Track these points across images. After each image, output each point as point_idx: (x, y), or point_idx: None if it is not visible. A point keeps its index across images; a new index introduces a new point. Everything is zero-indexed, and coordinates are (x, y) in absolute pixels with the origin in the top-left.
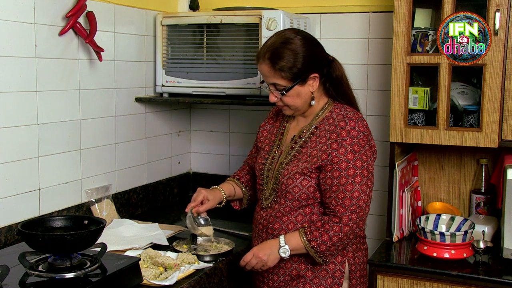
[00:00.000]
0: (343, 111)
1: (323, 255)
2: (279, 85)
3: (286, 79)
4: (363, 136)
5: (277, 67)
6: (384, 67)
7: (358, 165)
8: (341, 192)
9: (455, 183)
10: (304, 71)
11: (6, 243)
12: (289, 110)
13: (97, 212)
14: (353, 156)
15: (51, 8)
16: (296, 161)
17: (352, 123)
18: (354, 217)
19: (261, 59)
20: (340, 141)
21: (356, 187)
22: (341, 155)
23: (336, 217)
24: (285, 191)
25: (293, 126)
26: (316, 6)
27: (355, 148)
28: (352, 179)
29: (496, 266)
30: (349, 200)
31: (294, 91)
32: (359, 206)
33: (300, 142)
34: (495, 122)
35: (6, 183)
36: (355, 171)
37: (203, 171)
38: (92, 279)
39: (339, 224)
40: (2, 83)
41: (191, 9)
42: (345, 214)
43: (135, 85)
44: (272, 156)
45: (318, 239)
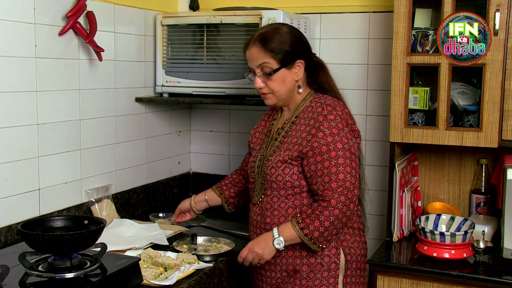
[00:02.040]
0: (322, 99)
1: (317, 241)
2: (267, 67)
3: (275, 60)
4: (341, 120)
5: (267, 48)
6: (384, 67)
7: (339, 146)
8: (326, 175)
9: (455, 183)
10: (292, 55)
11: (6, 243)
12: (273, 98)
13: (97, 212)
14: (333, 139)
15: (51, 8)
16: (278, 151)
17: (329, 108)
18: (342, 199)
19: (251, 44)
20: (318, 125)
21: (340, 169)
22: (320, 139)
23: (324, 201)
24: (270, 181)
25: (280, 122)
26: (316, 6)
27: (333, 130)
28: (335, 161)
29: (496, 266)
30: (335, 182)
31: (280, 75)
32: (346, 188)
33: (282, 133)
34: (495, 122)
35: (6, 183)
36: (337, 152)
37: (203, 171)
38: (92, 279)
39: (328, 208)
40: (2, 83)
41: (191, 9)
42: (333, 197)
43: (135, 85)
44: (261, 153)
45: (310, 226)
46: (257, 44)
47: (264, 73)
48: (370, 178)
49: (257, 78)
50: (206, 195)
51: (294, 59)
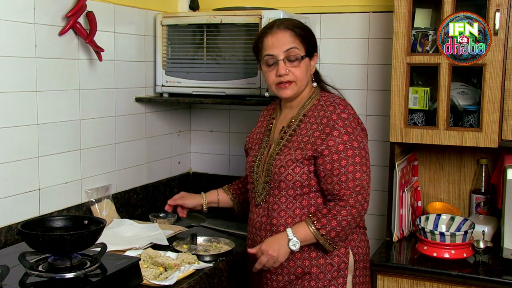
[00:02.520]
0: (330, 98)
1: (333, 242)
2: (296, 52)
3: (303, 46)
4: (353, 118)
5: (298, 33)
6: (384, 67)
7: (355, 145)
8: (343, 174)
9: (455, 183)
10: (314, 46)
11: (6, 243)
12: (294, 87)
13: (97, 212)
14: (348, 137)
15: (51, 8)
16: (287, 149)
17: (341, 107)
18: (359, 198)
19: (276, 28)
20: (332, 124)
21: (357, 168)
22: (336, 138)
23: (342, 201)
24: (278, 181)
25: (281, 120)
26: (316, 6)
27: (348, 129)
28: (352, 160)
29: (496, 266)
30: (352, 181)
31: (305, 63)
32: (363, 187)
33: (289, 132)
34: (495, 122)
35: (6, 183)
36: (354, 151)
37: (203, 171)
38: (92, 279)
39: (346, 207)
40: (2, 83)
41: (191, 9)
42: (351, 196)
43: (135, 85)
44: (261, 152)
45: (327, 226)
46: (284, 29)
47: (291, 58)
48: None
49: (281, 64)
50: (218, 196)
51: (314, 51)
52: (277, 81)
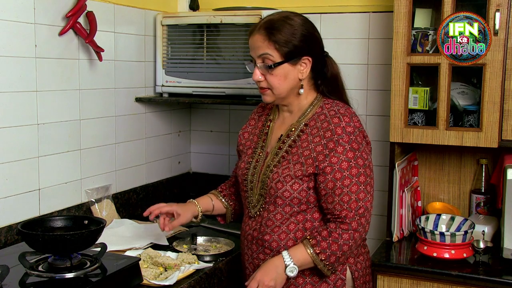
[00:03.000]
0: (334, 106)
1: (332, 267)
2: (269, 59)
3: (278, 52)
4: (359, 132)
5: (272, 38)
6: (384, 67)
7: (360, 163)
8: (346, 194)
9: (455, 183)
10: (299, 50)
11: (6, 243)
12: (271, 95)
13: (97, 212)
14: (354, 154)
15: (51, 8)
16: (286, 162)
17: (347, 119)
18: (363, 221)
19: (256, 30)
20: (337, 139)
21: (361, 188)
22: (340, 155)
23: (344, 224)
24: (274, 196)
25: (279, 125)
26: (316, 6)
27: (353, 145)
28: (356, 179)
29: (496, 266)
30: (355, 202)
31: (282, 70)
32: (366, 209)
33: (288, 142)
34: (495, 122)
35: (6, 183)
36: (358, 170)
37: (203, 171)
38: (92, 279)
39: (348, 231)
40: (2, 83)
41: (191, 9)
42: (354, 219)
43: (135, 85)
44: (256, 159)
45: (328, 250)
46: (261, 32)
47: (265, 65)
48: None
49: (256, 70)
50: (213, 202)
51: (301, 55)
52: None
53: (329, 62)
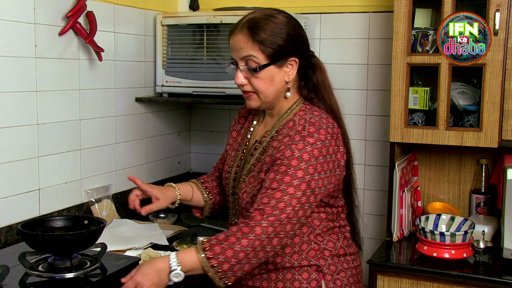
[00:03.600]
0: (308, 114)
1: (225, 276)
2: (253, 61)
3: (264, 53)
4: (321, 146)
5: (256, 38)
6: (384, 67)
7: (298, 175)
8: (267, 196)
9: (455, 183)
10: (285, 51)
11: (6, 243)
12: (257, 99)
13: (97, 212)
14: (297, 164)
15: (51, 8)
16: (253, 171)
17: (312, 129)
18: (269, 230)
19: (238, 30)
20: (290, 143)
21: (285, 198)
22: (284, 158)
23: (247, 227)
24: (241, 207)
25: (260, 129)
26: (316, 6)
27: (304, 156)
28: (284, 187)
29: (496, 266)
30: (270, 208)
31: (268, 73)
32: (279, 219)
33: (259, 149)
34: (495, 122)
35: (6, 183)
36: (292, 180)
37: (203, 171)
38: (92, 279)
39: (248, 236)
40: (2, 83)
41: (191, 9)
42: (260, 225)
43: (135, 85)
44: (237, 164)
45: (220, 256)
46: (244, 32)
47: (248, 67)
48: (370, 178)
49: (238, 73)
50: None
51: (287, 56)
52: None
53: (315, 63)
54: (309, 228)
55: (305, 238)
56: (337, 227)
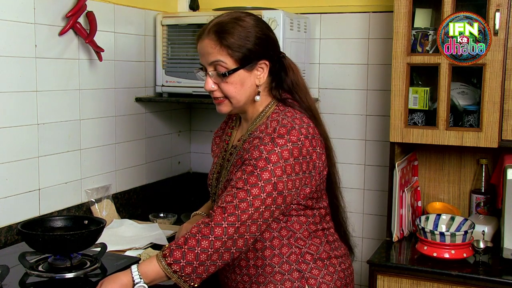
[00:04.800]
0: (280, 116)
1: (189, 278)
2: (222, 66)
3: (232, 58)
4: (292, 147)
5: (224, 42)
6: (384, 67)
7: (264, 176)
8: (231, 194)
9: (455, 183)
10: (254, 54)
11: (6, 243)
12: (228, 104)
13: (97, 212)
14: (264, 164)
15: (51, 8)
16: (228, 176)
17: (283, 131)
18: (230, 231)
19: (205, 35)
20: (259, 144)
21: (248, 199)
22: (252, 159)
23: (207, 227)
24: None
25: (238, 134)
26: (316, 6)
27: (272, 157)
28: (248, 187)
29: (496, 266)
30: (232, 207)
31: (238, 77)
32: (240, 220)
33: (234, 154)
34: (495, 122)
35: (6, 183)
36: (257, 181)
37: (203, 171)
38: (92, 279)
39: (209, 238)
40: (2, 83)
41: (191, 9)
42: (220, 225)
43: (135, 85)
44: (217, 170)
45: (182, 261)
46: (211, 36)
47: (217, 73)
48: (370, 178)
49: (208, 79)
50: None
51: (257, 60)
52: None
53: (287, 64)
54: (289, 231)
55: (285, 241)
56: (320, 230)
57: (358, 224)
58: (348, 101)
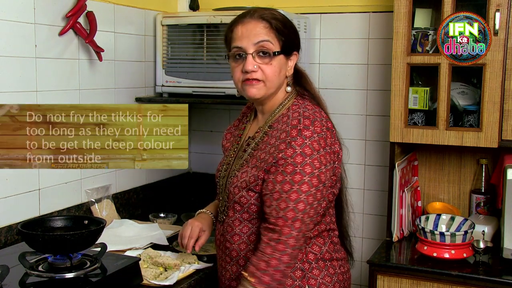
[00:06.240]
0: (301, 108)
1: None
2: (268, 47)
3: (279, 41)
4: (318, 138)
5: (273, 24)
6: (384, 67)
7: (307, 171)
8: (283, 201)
9: (455, 183)
10: (293, 43)
11: (6, 243)
12: (262, 87)
13: (97, 212)
14: (302, 160)
15: (51, 8)
16: (246, 166)
17: (307, 122)
18: (300, 236)
19: (249, 18)
20: (289, 140)
21: (302, 197)
22: (288, 157)
23: (280, 243)
24: (233, 201)
25: (252, 127)
26: (316, 6)
27: (305, 150)
28: (298, 187)
29: (496, 266)
30: (292, 212)
31: (279, 61)
32: (304, 222)
33: (252, 144)
34: (495, 122)
35: (6, 183)
36: (303, 177)
37: (203, 171)
38: (92, 279)
39: (286, 251)
40: (2, 83)
41: (191, 9)
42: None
43: (135, 85)
44: (228, 161)
45: (272, 283)
46: (258, 19)
47: (263, 52)
48: (370, 178)
49: (250, 59)
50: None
51: (293, 49)
52: (243, 78)
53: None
54: None
55: None
56: (326, 230)
57: (358, 224)
58: (348, 101)
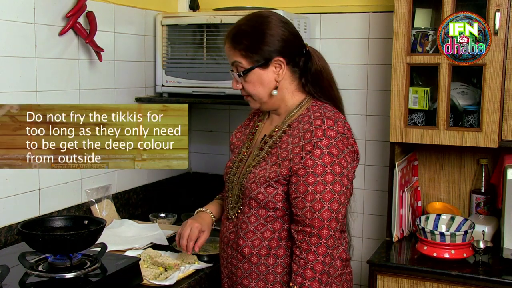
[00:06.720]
0: (321, 109)
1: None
2: (240, 66)
3: (246, 59)
4: (342, 138)
5: (237, 46)
6: (384, 67)
7: (337, 170)
8: (318, 201)
9: (455, 183)
10: (267, 52)
11: (6, 243)
12: (253, 101)
13: (97, 212)
14: (331, 160)
15: (51, 8)
16: (264, 163)
17: (330, 122)
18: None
19: (225, 38)
20: (315, 141)
21: (335, 197)
22: (316, 158)
23: (321, 246)
24: (249, 197)
25: (266, 126)
26: (316, 6)
27: (332, 150)
28: (331, 187)
29: (496, 266)
30: (328, 212)
31: (255, 76)
32: (338, 221)
33: (270, 142)
34: (495, 122)
35: (6, 183)
36: (334, 177)
37: (203, 171)
38: (92, 279)
39: (328, 253)
40: (2, 83)
41: (191, 9)
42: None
43: (135, 85)
44: (240, 158)
45: (306, 282)
46: (228, 40)
47: (238, 73)
48: (370, 178)
49: (233, 80)
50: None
51: (271, 57)
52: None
53: (313, 56)
54: None
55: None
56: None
57: (358, 224)
58: (348, 101)
